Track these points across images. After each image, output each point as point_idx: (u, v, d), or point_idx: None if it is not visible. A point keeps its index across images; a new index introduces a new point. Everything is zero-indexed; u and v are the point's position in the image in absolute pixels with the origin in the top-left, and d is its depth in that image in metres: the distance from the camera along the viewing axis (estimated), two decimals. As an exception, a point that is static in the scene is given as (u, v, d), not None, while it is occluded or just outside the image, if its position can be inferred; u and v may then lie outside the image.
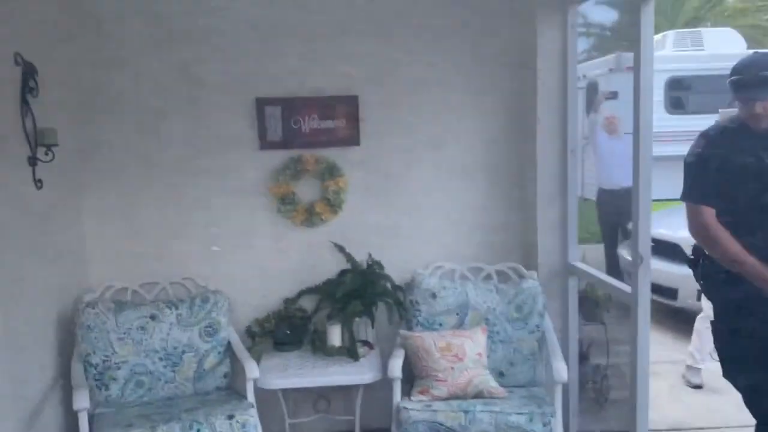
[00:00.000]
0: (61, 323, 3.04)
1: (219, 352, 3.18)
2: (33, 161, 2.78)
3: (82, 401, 2.67)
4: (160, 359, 3.08)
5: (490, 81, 3.48)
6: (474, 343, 3.03)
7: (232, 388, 3.19)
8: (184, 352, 3.12)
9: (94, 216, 3.37)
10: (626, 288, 2.77)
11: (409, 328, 3.21)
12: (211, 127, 3.41)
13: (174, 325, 3.13)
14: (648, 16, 2.53)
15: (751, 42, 11.02)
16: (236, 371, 3.20)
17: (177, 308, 3.17)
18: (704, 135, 2.56)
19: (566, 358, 3.09)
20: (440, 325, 3.19)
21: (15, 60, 2.69)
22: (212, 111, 3.41)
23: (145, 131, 3.37)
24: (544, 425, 2.73)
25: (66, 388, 2.94)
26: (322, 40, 3.40)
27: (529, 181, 3.47)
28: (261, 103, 3.42)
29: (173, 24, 3.33)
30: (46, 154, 2.83)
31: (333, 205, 3.49)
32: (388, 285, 3.35)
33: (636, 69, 2.55)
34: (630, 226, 2.56)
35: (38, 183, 2.82)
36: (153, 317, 3.10)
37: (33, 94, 2.77)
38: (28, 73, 2.77)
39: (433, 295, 3.23)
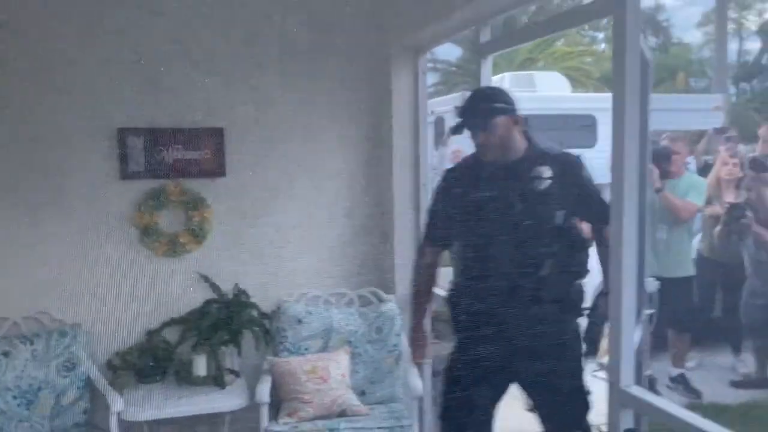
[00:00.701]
0: None
1: (78, 387, 3.11)
2: None
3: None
4: (14, 398, 2.95)
5: (350, 117, 3.73)
6: (338, 365, 3.21)
7: (92, 424, 3.12)
8: (40, 389, 3.01)
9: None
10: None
11: (276, 354, 3.33)
12: (72, 156, 3.34)
13: (29, 361, 3.01)
14: (488, 65, 2.93)
15: (575, 83, 12.35)
16: (97, 406, 3.13)
17: (32, 343, 3.06)
18: (443, 173, 2.60)
19: (421, 375, 3.35)
20: (306, 349, 3.34)
21: None
22: (71, 140, 3.35)
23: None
24: (404, 438, 2.97)
25: None
26: (188, 71, 3.47)
27: (386, 212, 3.74)
28: (123, 133, 3.41)
29: (36, 49, 3.24)
30: None
31: (198, 235, 3.53)
32: (255, 313, 3.45)
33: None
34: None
35: None
36: (5, 354, 2.98)
37: None
38: None
39: (299, 321, 3.38)
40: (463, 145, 7.00)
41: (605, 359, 2.05)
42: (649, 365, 3.14)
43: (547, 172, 2.28)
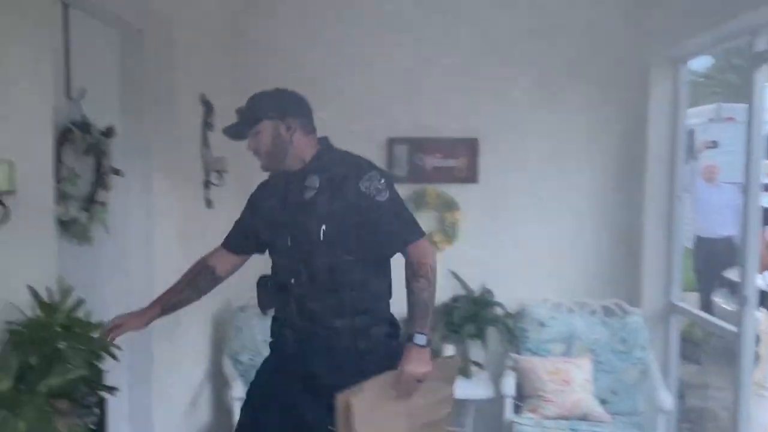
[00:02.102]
0: (214, 324, 3.50)
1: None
2: (207, 184, 3.29)
3: (237, 390, 3.09)
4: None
5: (600, 129, 3.77)
6: (580, 370, 3.28)
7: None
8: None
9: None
10: (732, 328, 2.96)
11: (518, 353, 3.49)
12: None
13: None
14: (761, 75, 2.80)
15: None
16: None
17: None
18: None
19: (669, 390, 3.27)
20: (548, 351, 3.45)
21: (200, 99, 3.22)
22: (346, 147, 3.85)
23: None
24: (647, 450, 2.95)
25: (216, 384, 3.39)
26: (447, 86, 3.80)
27: (634, 225, 3.72)
28: (391, 142, 3.84)
29: (316, 72, 3.81)
30: (218, 178, 3.34)
31: (449, 235, 3.84)
32: (500, 312, 3.65)
33: (749, 121, 2.81)
34: (727, 273, 2.73)
35: (208, 202, 3.32)
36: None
37: (210, 128, 3.29)
38: (208, 110, 3.29)
39: (542, 324, 3.51)
40: (718, 160, 6.58)
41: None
42: None
43: (315, 182, 2.11)
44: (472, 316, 3.59)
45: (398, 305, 2.21)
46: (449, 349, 3.57)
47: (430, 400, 2.05)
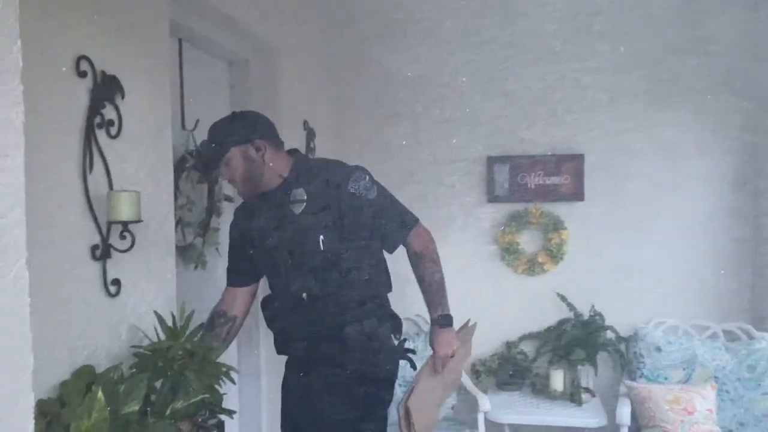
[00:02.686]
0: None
1: (448, 385, 3.50)
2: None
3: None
4: (399, 386, 3.44)
5: (718, 147, 3.55)
6: (703, 399, 3.05)
7: (456, 419, 3.48)
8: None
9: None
10: None
11: (632, 379, 3.30)
12: (443, 181, 3.82)
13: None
14: None
15: None
16: (461, 404, 3.49)
17: (414, 341, 3.54)
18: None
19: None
20: (666, 378, 3.24)
21: (303, 126, 3.30)
22: (444, 168, 3.83)
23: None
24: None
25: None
26: (550, 101, 3.70)
27: (758, 240, 3.45)
28: (491, 161, 3.78)
29: (413, 92, 3.81)
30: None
31: (555, 256, 3.71)
32: (611, 336, 3.48)
33: None
34: None
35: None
36: (394, 348, 3.50)
37: (312, 153, 3.36)
38: (311, 136, 3.36)
39: (658, 349, 3.31)
40: None
41: None
42: None
43: (302, 194, 2.03)
44: (582, 340, 3.44)
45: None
46: (557, 374, 3.43)
47: (455, 362, 2.25)
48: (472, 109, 3.77)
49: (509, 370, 3.59)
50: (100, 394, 1.30)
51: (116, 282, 1.64)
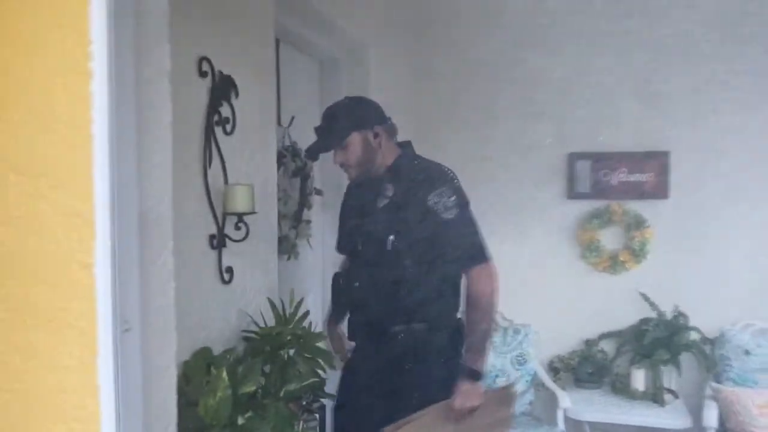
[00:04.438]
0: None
1: (526, 381, 3.51)
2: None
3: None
4: (477, 380, 3.49)
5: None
6: (796, 405, 2.97)
7: (533, 415, 3.49)
8: (497, 376, 3.50)
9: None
10: None
11: (719, 382, 3.23)
12: (527, 176, 3.81)
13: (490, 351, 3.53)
14: None
15: None
16: (539, 400, 3.50)
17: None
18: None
19: None
20: (755, 383, 3.16)
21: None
22: (525, 165, 3.82)
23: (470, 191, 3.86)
24: None
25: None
26: (634, 96, 3.64)
27: None
28: (573, 158, 3.75)
29: (497, 85, 3.82)
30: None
31: (637, 254, 3.66)
32: (695, 337, 3.41)
33: None
34: None
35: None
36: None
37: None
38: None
39: (747, 352, 3.23)
40: None
41: None
42: None
43: (389, 190, 2.03)
44: (665, 340, 3.38)
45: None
46: (639, 374, 3.39)
47: (482, 423, 2.01)
48: (553, 103, 3.75)
49: (588, 368, 3.57)
50: (224, 374, 1.40)
51: (229, 270, 1.75)
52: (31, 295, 0.98)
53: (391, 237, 2.00)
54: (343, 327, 2.23)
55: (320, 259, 2.89)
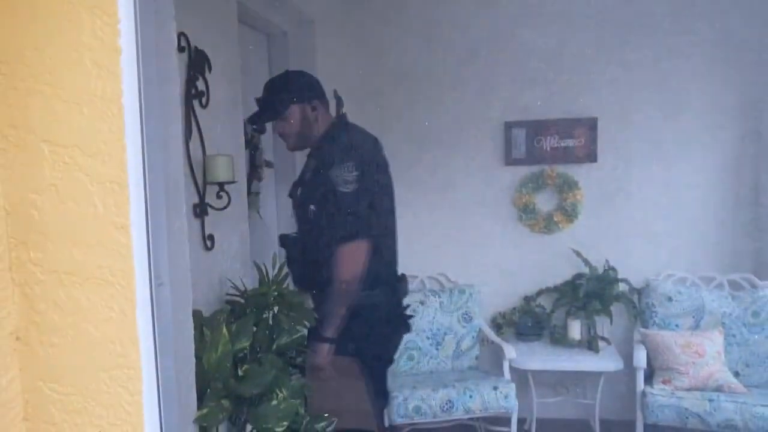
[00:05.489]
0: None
1: (473, 337, 3.75)
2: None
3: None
4: (427, 338, 3.70)
5: (725, 102, 3.75)
6: (712, 343, 3.32)
7: (480, 368, 3.74)
8: (445, 333, 3.71)
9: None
10: None
11: (646, 327, 3.56)
12: (462, 146, 4.01)
13: (437, 310, 3.74)
14: None
15: None
16: (484, 354, 3.75)
17: (439, 297, 3.78)
18: None
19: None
20: (677, 326, 3.51)
21: (333, 94, 3.45)
22: (463, 133, 4.01)
23: (412, 158, 4.02)
24: (788, 420, 2.97)
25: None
26: (564, 66, 3.88)
27: (762, 194, 3.69)
28: (508, 126, 3.97)
29: (439, 53, 3.98)
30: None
31: (570, 215, 3.93)
32: (625, 288, 3.72)
33: None
34: None
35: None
36: (422, 302, 3.73)
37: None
38: (340, 104, 3.52)
39: (669, 299, 3.56)
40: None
41: None
42: None
43: (312, 163, 2.17)
44: (597, 292, 3.68)
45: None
46: (575, 325, 3.68)
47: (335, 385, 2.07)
48: (489, 74, 3.94)
49: (529, 322, 3.84)
50: (224, 330, 1.50)
51: (211, 237, 1.83)
52: (70, 256, 1.06)
53: (312, 206, 2.11)
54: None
55: (274, 230, 2.98)
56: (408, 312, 2.38)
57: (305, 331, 1.75)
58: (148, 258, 1.06)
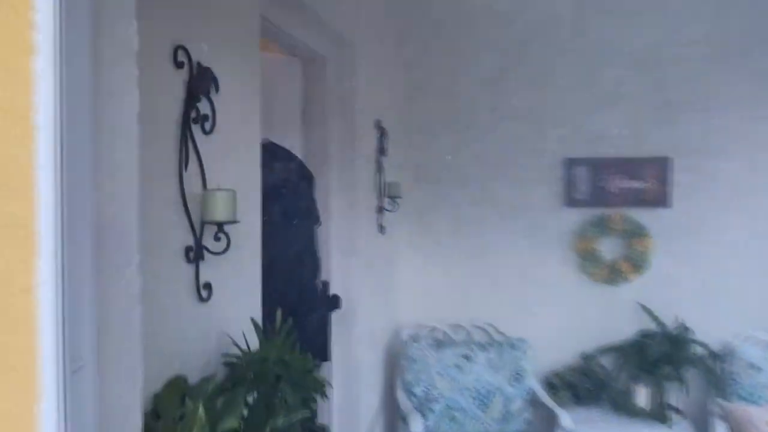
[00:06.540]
0: (386, 356, 3.42)
1: (523, 399, 3.33)
2: (380, 210, 3.23)
3: (416, 426, 2.96)
4: (472, 397, 3.31)
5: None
6: (809, 423, 2.82)
7: (532, 435, 3.32)
8: (493, 394, 3.31)
9: (407, 260, 3.73)
10: None
11: (725, 399, 3.08)
12: (519, 184, 3.64)
13: (485, 367, 3.35)
14: None
15: None
16: (537, 419, 3.32)
17: (487, 351, 3.39)
18: None
19: None
20: (764, 399, 3.02)
21: (375, 125, 3.18)
22: (520, 171, 3.66)
23: (459, 195, 3.69)
24: None
25: (386, 415, 3.28)
26: (634, 102, 3.51)
27: None
28: (569, 163, 3.59)
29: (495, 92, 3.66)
30: (391, 204, 3.27)
31: (637, 264, 3.51)
32: (701, 351, 3.26)
33: None
34: None
35: (381, 228, 3.26)
36: (467, 357, 3.36)
37: (384, 154, 3.24)
38: (382, 136, 3.24)
39: (755, 367, 3.08)
40: None
41: None
42: None
43: None
44: (668, 354, 3.23)
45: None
46: (642, 391, 3.23)
47: None
48: (550, 107, 3.59)
49: (587, 384, 3.41)
50: (201, 410, 1.20)
51: (207, 286, 1.55)
52: (-46, 327, 0.77)
53: None
54: None
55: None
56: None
57: (308, 412, 1.42)
58: (61, 332, 0.77)
